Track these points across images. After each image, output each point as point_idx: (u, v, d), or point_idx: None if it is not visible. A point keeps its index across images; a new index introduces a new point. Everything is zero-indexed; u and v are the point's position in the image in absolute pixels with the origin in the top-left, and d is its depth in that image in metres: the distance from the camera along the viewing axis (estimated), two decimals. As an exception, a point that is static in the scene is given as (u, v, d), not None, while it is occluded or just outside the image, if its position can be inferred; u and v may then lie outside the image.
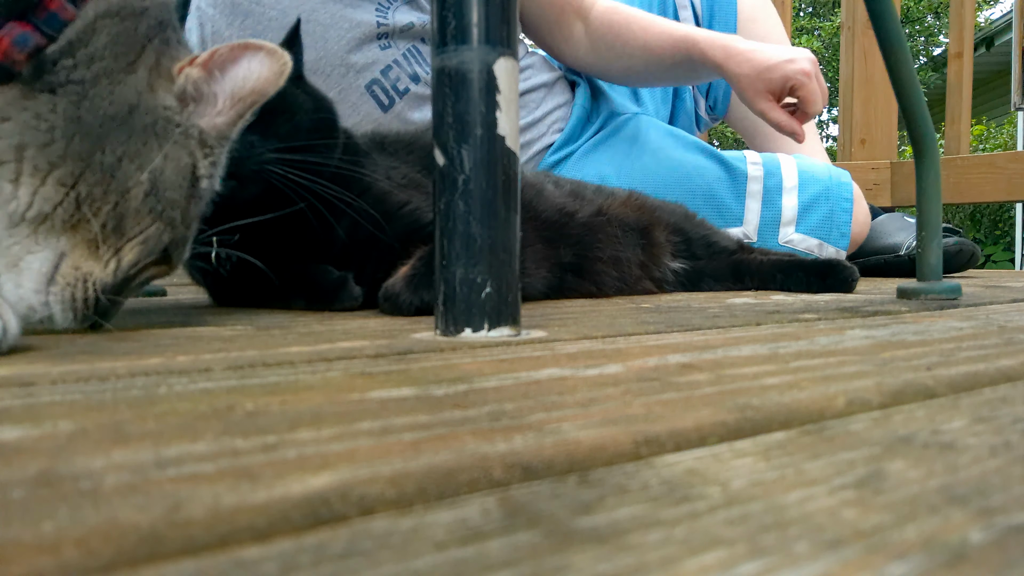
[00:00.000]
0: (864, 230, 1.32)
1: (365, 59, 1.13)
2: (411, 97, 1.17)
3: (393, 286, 0.62)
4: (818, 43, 11.71)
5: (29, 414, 0.26)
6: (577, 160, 1.31)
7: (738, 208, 1.25)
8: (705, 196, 1.25)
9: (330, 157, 0.67)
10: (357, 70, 1.13)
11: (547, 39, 1.35)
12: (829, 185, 1.28)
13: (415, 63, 1.17)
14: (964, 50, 1.85)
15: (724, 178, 1.26)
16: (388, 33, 1.15)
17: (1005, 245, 5.73)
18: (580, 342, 0.44)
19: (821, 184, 1.27)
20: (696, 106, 1.59)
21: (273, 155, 0.63)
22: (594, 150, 1.32)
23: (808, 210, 1.26)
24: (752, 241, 1.23)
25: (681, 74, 1.31)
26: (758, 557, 0.15)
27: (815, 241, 1.26)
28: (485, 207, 0.46)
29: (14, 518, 0.16)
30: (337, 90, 1.12)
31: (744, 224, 1.25)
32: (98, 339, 0.45)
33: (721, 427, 0.25)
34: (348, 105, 1.12)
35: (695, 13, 1.51)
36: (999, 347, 0.43)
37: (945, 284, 0.78)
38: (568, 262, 0.82)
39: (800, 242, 1.26)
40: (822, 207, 1.26)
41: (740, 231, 1.24)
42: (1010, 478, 0.20)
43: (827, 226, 1.26)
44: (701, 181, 1.26)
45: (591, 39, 1.31)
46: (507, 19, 0.47)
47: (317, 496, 0.18)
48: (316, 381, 0.31)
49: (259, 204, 0.64)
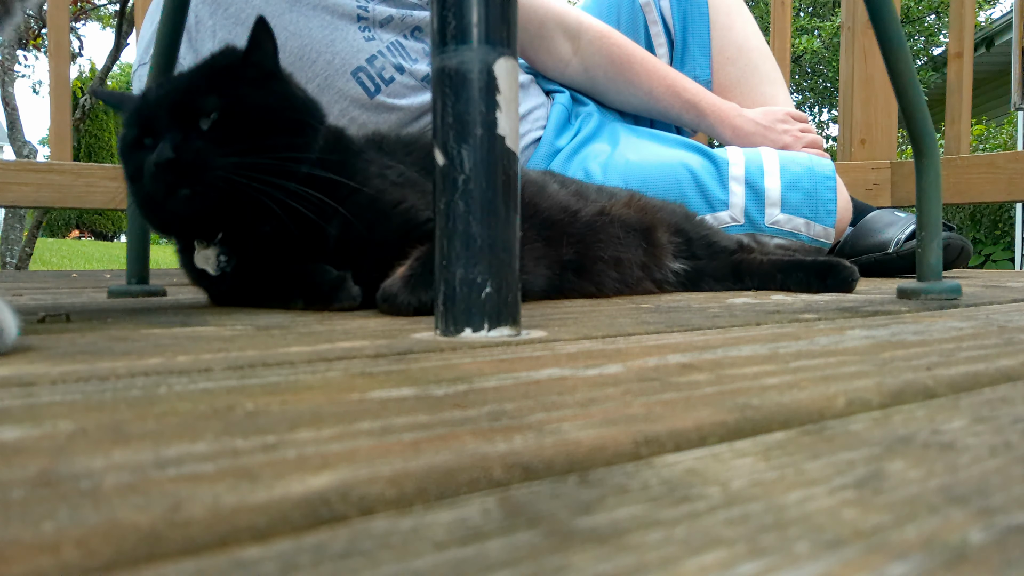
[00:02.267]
0: (847, 215, 1.34)
1: (350, 47, 1.16)
2: (397, 85, 1.20)
3: (391, 287, 0.61)
4: (818, 43, 11.70)
5: (29, 414, 0.26)
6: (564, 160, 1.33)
7: (723, 193, 1.27)
8: (690, 184, 1.27)
9: (303, 157, 0.66)
10: (343, 57, 1.16)
11: (527, 51, 1.41)
12: (809, 166, 1.30)
13: (399, 56, 1.20)
14: (964, 50, 1.85)
15: (707, 165, 1.29)
16: (369, 21, 1.19)
17: (1005, 245, 5.73)
18: (580, 342, 0.44)
19: (801, 165, 1.30)
20: None
21: (227, 161, 0.62)
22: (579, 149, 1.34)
23: (791, 189, 1.28)
24: (740, 224, 1.25)
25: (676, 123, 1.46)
26: (758, 557, 0.15)
27: (802, 220, 1.27)
28: (485, 207, 0.46)
29: (14, 518, 0.16)
30: (324, 76, 1.14)
31: (730, 208, 1.26)
32: (98, 339, 0.45)
33: (721, 427, 0.25)
34: (334, 91, 1.15)
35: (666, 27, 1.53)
36: (999, 347, 0.43)
37: (945, 284, 0.78)
38: (569, 260, 0.82)
39: (787, 222, 1.27)
40: (804, 185, 1.28)
41: (727, 215, 1.26)
42: (1010, 478, 0.20)
43: (812, 204, 1.28)
44: (685, 170, 1.28)
45: (585, 64, 1.39)
46: (507, 19, 0.47)
47: (317, 496, 0.18)
48: (316, 381, 0.31)
49: (230, 209, 0.64)
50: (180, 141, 0.63)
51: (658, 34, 1.53)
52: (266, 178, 0.62)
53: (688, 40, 1.53)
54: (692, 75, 1.53)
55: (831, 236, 1.28)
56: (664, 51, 1.54)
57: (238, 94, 0.66)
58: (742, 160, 1.29)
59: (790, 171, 1.28)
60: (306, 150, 0.67)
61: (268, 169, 0.63)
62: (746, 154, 1.31)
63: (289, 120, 0.68)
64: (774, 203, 1.27)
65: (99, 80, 6.16)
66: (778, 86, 1.55)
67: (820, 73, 12.67)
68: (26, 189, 1.69)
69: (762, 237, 1.26)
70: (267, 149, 0.64)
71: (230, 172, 0.62)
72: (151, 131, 0.65)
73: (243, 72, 0.68)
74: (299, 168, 0.65)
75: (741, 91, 1.53)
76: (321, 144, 0.69)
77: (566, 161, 1.32)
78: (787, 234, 1.27)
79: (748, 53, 1.54)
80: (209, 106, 0.64)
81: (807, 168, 1.29)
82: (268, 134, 0.65)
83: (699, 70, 1.54)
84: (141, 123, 0.66)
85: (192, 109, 0.64)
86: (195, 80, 0.67)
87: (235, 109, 0.65)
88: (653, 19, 1.52)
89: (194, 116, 0.64)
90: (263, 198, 0.63)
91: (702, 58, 1.53)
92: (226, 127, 0.64)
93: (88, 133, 13.53)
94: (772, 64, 1.56)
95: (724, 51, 1.53)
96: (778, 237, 1.27)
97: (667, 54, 1.55)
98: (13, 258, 4.31)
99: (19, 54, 4.81)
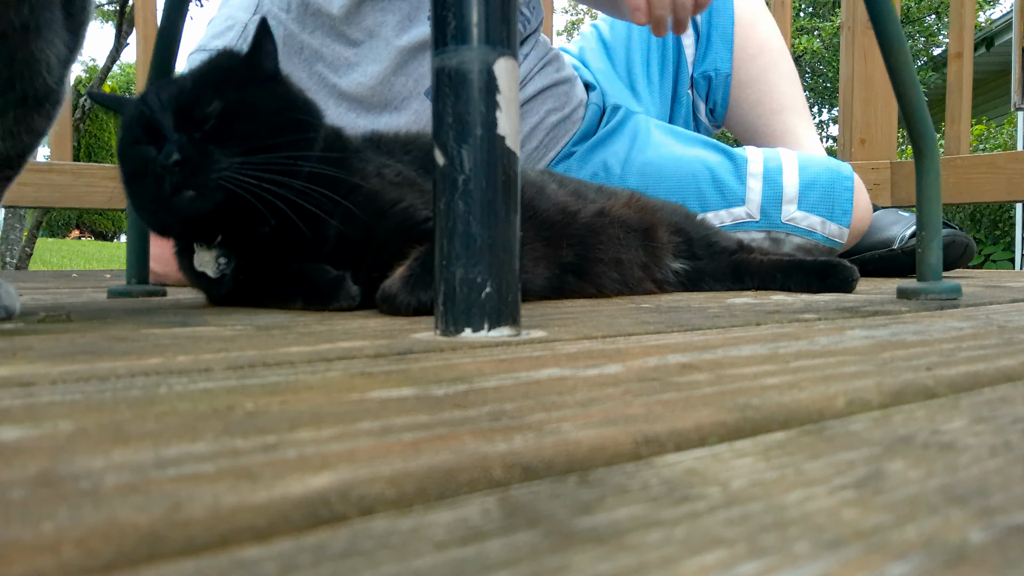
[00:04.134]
0: (866, 220, 1.33)
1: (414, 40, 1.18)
2: None
3: (390, 287, 0.62)
4: (818, 43, 11.71)
5: (29, 414, 0.26)
6: (582, 154, 1.33)
7: (740, 188, 1.27)
8: (707, 180, 1.27)
9: (307, 156, 0.66)
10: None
11: None
12: (829, 166, 1.30)
13: None
14: (964, 50, 1.85)
15: (725, 162, 1.28)
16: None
17: (1005, 245, 5.72)
18: (580, 342, 0.44)
19: (821, 165, 1.29)
20: (696, 110, 1.60)
21: (231, 161, 0.63)
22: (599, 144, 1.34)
23: (809, 188, 1.27)
24: (756, 220, 1.25)
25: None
26: (758, 557, 0.15)
27: (817, 219, 1.27)
28: (485, 207, 0.46)
29: (14, 518, 0.16)
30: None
31: (746, 203, 1.26)
32: (98, 339, 0.45)
33: (721, 427, 0.25)
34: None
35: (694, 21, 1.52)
36: (999, 347, 0.43)
37: (945, 284, 0.78)
38: (569, 262, 0.82)
39: (803, 219, 1.27)
40: (823, 184, 1.28)
41: (743, 210, 1.26)
42: (1010, 478, 0.20)
43: (828, 202, 1.27)
44: (702, 166, 1.28)
45: None
46: (507, 19, 0.47)
47: (317, 496, 0.18)
48: (316, 381, 0.31)
49: (233, 210, 0.64)
50: (186, 142, 0.63)
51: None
52: (272, 177, 0.63)
53: (712, 33, 1.52)
54: (712, 68, 1.53)
55: (845, 237, 1.28)
56: (690, 41, 1.54)
57: (241, 95, 0.66)
58: (761, 158, 1.29)
59: (809, 170, 1.28)
60: (308, 149, 0.67)
61: (274, 169, 0.63)
62: (765, 152, 1.30)
63: (291, 120, 0.68)
64: (791, 200, 1.27)
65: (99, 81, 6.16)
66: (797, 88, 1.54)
67: (820, 73, 12.68)
68: (26, 189, 1.69)
69: (777, 234, 1.27)
70: (271, 149, 0.65)
71: (236, 172, 0.62)
72: (154, 133, 0.65)
73: (245, 74, 0.68)
74: (302, 168, 0.66)
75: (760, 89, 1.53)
76: (320, 144, 0.69)
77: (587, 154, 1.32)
78: (802, 231, 1.27)
79: (770, 52, 1.53)
80: (213, 108, 0.64)
81: (826, 167, 1.29)
82: (272, 134, 0.66)
83: (720, 63, 1.53)
84: (143, 125, 0.66)
85: (196, 111, 0.64)
86: (198, 82, 0.67)
87: (239, 110, 0.65)
88: None
89: (198, 118, 0.64)
90: (270, 197, 0.63)
91: (724, 51, 1.53)
92: (230, 128, 0.64)
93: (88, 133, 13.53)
94: (791, 66, 1.55)
95: (746, 47, 1.52)
96: (793, 235, 1.27)
97: (693, 44, 1.54)
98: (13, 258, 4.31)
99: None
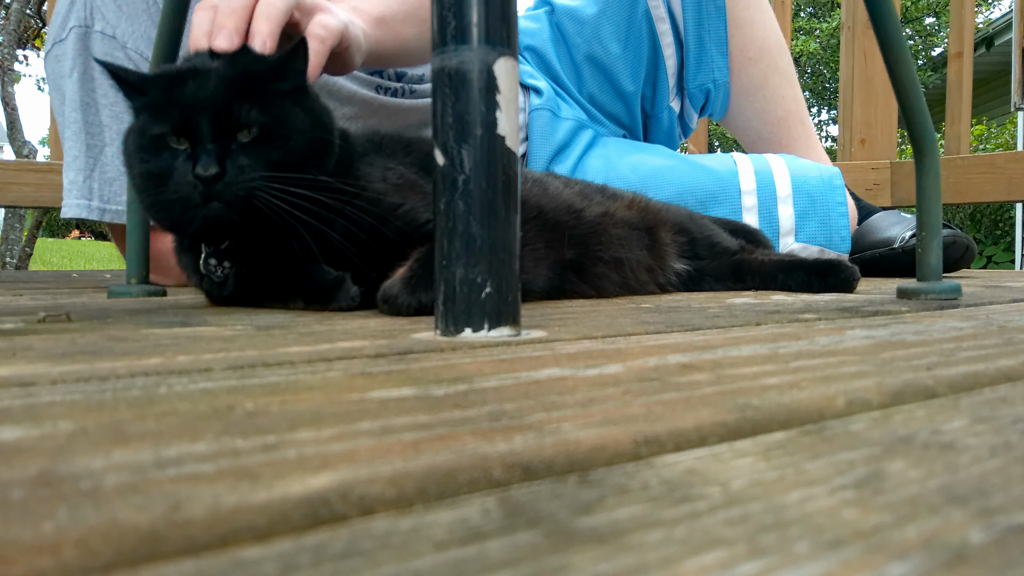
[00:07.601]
0: (852, 222, 1.33)
1: None
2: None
3: (391, 288, 0.62)
4: (815, 45, 11.72)
5: (29, 414, 0.26)
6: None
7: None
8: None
9: (321, 172, 0.67)
10: None
11: None
12: (823, 190, 1.27)
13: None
14: (964, 50, 1.85)
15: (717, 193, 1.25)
16: None
17: (1005, 245, 5.72)
18: (580, 342, 0.44)
19: (815, 190, 1.27)
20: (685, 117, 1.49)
21: (260, 175, 0.63)
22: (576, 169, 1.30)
23: (805, 218, 1.26)
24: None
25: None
26: (758, 557, 0.15)
27: (816, 248, 1.27)
28: (485, 207, 0.46)
29: (14, 518, 0.16)
30: None
31: None
32: (98, 339, 0.45)
33: (721, 427, 0.25)
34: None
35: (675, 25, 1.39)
36: (999, 347, 0.43)
37: (945, 284, 0.78)
38: (570, 260, 0.82)
39: (801, 251, 1.26)
40: (818, 213, 1.26)
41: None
42: (1010, 478, 0.20)
43: (826, 232, 1.26)
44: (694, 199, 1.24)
45: None
46: (507, 19, 0.47)
47: (317, 496, 0.18)
48: (316, 381, 0.31)
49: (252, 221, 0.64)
50: (223, 155, 0.63)
51: (665, 33, 1.38)
52: (298, 192, 0.63)
53: (704, 39, 1.38)
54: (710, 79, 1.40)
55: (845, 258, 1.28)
56: (671, 51, 1.39)
57: (278, 110, 0.66)
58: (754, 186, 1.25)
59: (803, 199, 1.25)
60: (328, 165, 0.68)
61: (299, 184, 0.64)
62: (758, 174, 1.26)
63: (318, 140, 0.68)
64: (788, 232, 1.25)
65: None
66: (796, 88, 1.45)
67: (819, 74, 12.69)
68: (26, 189, 1.69)
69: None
70: (299, 168, 0.65)
71: (265, 190, 0.63)
72: (186, 133, 0.64)
73: (278, 84, 0.67)
74: (317, 181, 0.66)
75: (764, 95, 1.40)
76: (336, 155, 0.70)
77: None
78: None
79: (770, 52, 1.40)
80: (252, 120, 0.64)
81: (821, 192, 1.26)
82: (301, 154, 0.66)
83: (717, 72, 1.39)
84: (172, 121, 0.64)
85: (232, 118, 0.63)
86: (232, 86, 0.65)
87: (275, 125, 0.65)
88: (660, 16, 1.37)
89: (234, 127, 0.64)
90: (293, 217, 0.64)
91: (720, 58, 1.38)
92: (265, 144, 0.64)
93: (88, 133, 13.48)
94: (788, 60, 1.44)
95: (745, 50, 1.39)
96: None
97: (674, 55, 1.40)
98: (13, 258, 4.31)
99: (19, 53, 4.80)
